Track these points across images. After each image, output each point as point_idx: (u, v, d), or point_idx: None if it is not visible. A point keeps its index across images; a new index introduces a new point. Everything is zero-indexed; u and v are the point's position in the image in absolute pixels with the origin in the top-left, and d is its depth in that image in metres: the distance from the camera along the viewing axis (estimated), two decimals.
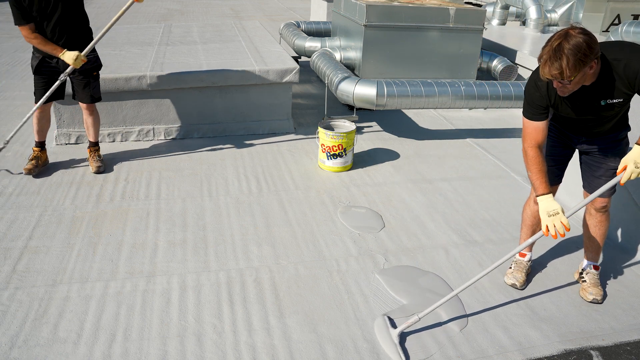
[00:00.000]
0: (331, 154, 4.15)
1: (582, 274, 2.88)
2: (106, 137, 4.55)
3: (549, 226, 2.35)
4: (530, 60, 5.85)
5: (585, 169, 2.71)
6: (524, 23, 8.46)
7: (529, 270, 2.95)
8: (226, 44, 5.63)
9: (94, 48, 3.79)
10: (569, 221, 2.33)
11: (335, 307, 2.67)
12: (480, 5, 9.27)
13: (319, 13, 9.62)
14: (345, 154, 4.17)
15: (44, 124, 3.97)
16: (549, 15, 8.69)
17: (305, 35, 6.34)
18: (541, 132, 2.42)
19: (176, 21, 11.37)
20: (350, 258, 3.09)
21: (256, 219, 3.47)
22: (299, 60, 6.38)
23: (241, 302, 2.67)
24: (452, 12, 5.23)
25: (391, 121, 5.43)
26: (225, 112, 4.81)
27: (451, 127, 5.38)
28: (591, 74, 2.21)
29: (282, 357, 2.34)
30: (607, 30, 8.74)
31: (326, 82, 5.05)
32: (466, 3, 8.65)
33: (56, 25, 3.62)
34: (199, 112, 4.74)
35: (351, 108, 5.51)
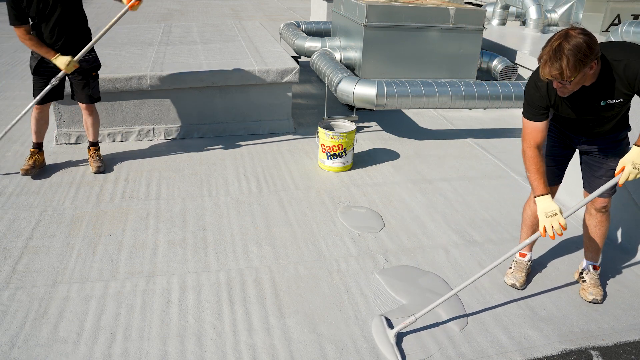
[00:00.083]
0: (331, 154, 4.15)
1: (582, 274, 2.88)
2: (106, 137, 4.56)
3: (546, 227, 2.35)
4: (530, 60, 5.84)
5: (585, 169, 2.71)
6: (524, 23, 8.46)
7: (529, 270, 2.95)
8: (226, 44, 5.63)
9: (92, 48, 3.78)
10: (567, 221, 2.33)
11: (335, 307, 2.67)
12: (480, 5, 9.27)
13: (319, 13, 9.62)
14: (345, 154, 4.17)
15: (42, 125, 3.95)
16: (549, 15, 8.69)
17: (305, 35, 6.34)
18: (540, 133, 2.43)
19: (176, 21, 11.37)
20: (350, 258, 3.09)
21: (256, 219, 3.47)
22: (299, 60, 6.38)
23: (241, 302, 2.68)
24: (452, 12, 5.23)
25: (391, 121, 5.44)
26: (225, 112, 4.81)
27: (451, 127, 5.38)
28: (591, 75, 2.21)
29: (282, 357, 2.34)
30: (607, 30, 8.74)
31: (326, 82, 5.05)
32: (466, 3, 8.66)
33: (55, 27, 3.60)
34: (199, 112, 4.74)
35: (351, 108, 5.50)
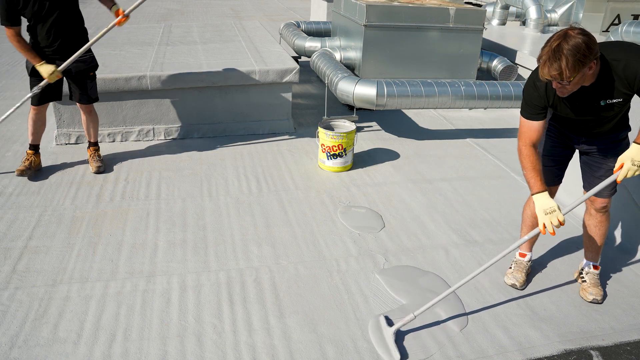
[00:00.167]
0: (331, 154, 4.15)
1: (582, 274, 2.88)
2: (106, 137, 4.56)
3: (546, 224, 2.35)
4: (530, 60, 5.85)
5: (585, 169, 2.71)
6: (524, 23, 8.46)
7: (529, 270, 2.95)
8: (226, 44, 5.63)
9: (89, 49, 3.75)
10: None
11: (335, 307, 2.67)
12: (480, 5, 9.27)
13: (319, 13, 9.62)
14: (345, 154, 4.17)
15: (39, 126, 3.91)
16: (549, 15, 8.69)
17: (305, 35, 6.34)
18: (537, 132, 2.43)
19: (176, 21, 11.37)
20: (350, 258, 3.09)
21: (256, 219, 3.47)
22: (299, 60, 6.38)
23: (241, 302, 2.68)
24: (452, 12, 5.23)
25: (391, 121, 5.44)
26: (225, 112, 4.81)
27: (451, 127, 5.38)
28: (590, 75, 2.21)
29: (282, 357, 2.34)
30: (607, 30, 8.74)
31: (326, 82, 5.05)
32: (466, 3, 8.66)
33: (51, 28, 3.57)
34: (199, 112, 4.74)
35: (351, 108, 5.51)
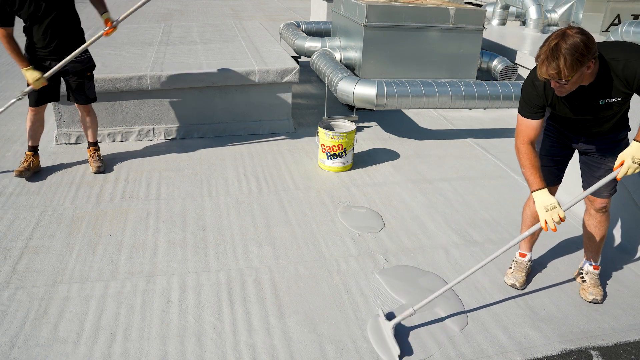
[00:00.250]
0: (331, 154, 4.15)
1: (582, 274, 2.88)
2: (106, 137, 4.56)
3: (547, 220, 2.35)
4: (530, 60, 5.84)
5: (584, 169, 2.71)
6: (524, 23, 8.46)
7: (529, 270, 2.95)
8: (226, 44, 5.63)
9: (86, 49, 3.72)
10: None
11: (335, 307, 2.67)
12: (480, 5, 9.27)
13: (319, 13, 9.62)
14: (345, 154, 4.17)
15: (37, 127, 3.90)
16: (549, 15, 8.69)
17: (305, 35, 6.34)
18: (534, 130, 2.44)
19: (176, 21, 11.37)
20: (350, 258, 3.09)
21: (256, 219, 3.47)
22: (299, 60, 6.38)
23: (241, 302, 2.68)
24: (452, 12, 5.23)
25: (391, 121, 5.44)
26: (225, 112, 4.81)
27: (451, 127, 5.38)
28: (589, 74, 2.21)
29: (282, 357, 2.34)
30: (607, 30, 8.74)
31: (326, 82, 5.05)
32: (466, 3, 8.66)
33: (47, 29, 3.55)
34: (199, 112, 4.75)
35: (351, 108, 5.51)
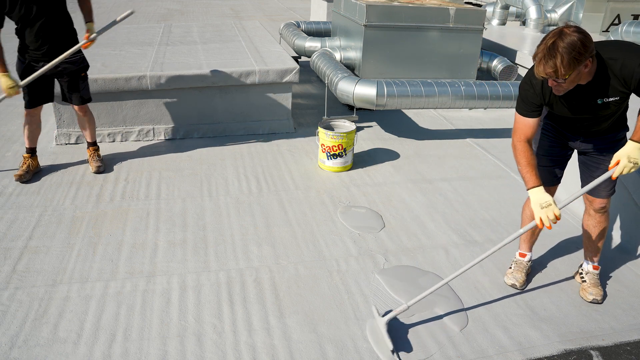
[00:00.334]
0: (331, 154, 4.15)
1: (582, 274, 2.88)
2: (106, 137, 4.56)
3: (542, 218, 2.35)
4: (530, 60, 5.83)
5: (583, 169, 2.71)
6: (524, 23, 8.46)
7: (529, 270, 2.95)
8: (226, 44, 5.63)
9: (79, 49, 3.70)
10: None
11: (335, 307, 2.67)
12: (480, 5, 9.27)
13: (319, 13, 9.62)
14: (345, 154, 4.17)
15: (34, 129, 3.88)
16: (549, 15, 8.69)
17: (305, 35, 6.34)
18: (531, 128, 2.44)
19: (176, 21, 11.37)
20: (350, 258, 3.09)
21: (256, 219, 3.47)
22: (299, 60, 6.39)
23: (241, 302, 2.68)
24: (452, 12, 5.23)
25: (391, 121, 5.44)
26: (225, 112, 4.81)
27: (451, 127, 5.38)
28: (586, 73, 2.21)
29: (282, 357, 2.34)
30: (607, 30, 8.74)
31: (326, 82, 5.05)
32: (466, 3, 8.66)
33: (39, 31, 3.54)
34: (199, 112, 4.75)
35: (351, 108, 5.51)
